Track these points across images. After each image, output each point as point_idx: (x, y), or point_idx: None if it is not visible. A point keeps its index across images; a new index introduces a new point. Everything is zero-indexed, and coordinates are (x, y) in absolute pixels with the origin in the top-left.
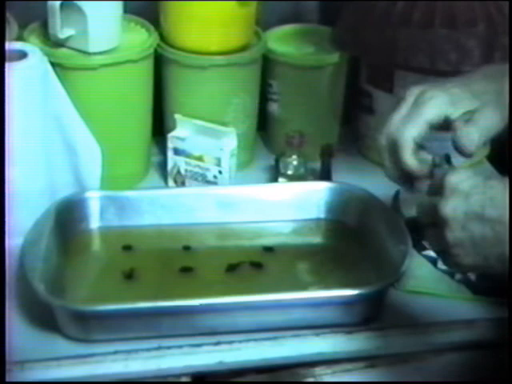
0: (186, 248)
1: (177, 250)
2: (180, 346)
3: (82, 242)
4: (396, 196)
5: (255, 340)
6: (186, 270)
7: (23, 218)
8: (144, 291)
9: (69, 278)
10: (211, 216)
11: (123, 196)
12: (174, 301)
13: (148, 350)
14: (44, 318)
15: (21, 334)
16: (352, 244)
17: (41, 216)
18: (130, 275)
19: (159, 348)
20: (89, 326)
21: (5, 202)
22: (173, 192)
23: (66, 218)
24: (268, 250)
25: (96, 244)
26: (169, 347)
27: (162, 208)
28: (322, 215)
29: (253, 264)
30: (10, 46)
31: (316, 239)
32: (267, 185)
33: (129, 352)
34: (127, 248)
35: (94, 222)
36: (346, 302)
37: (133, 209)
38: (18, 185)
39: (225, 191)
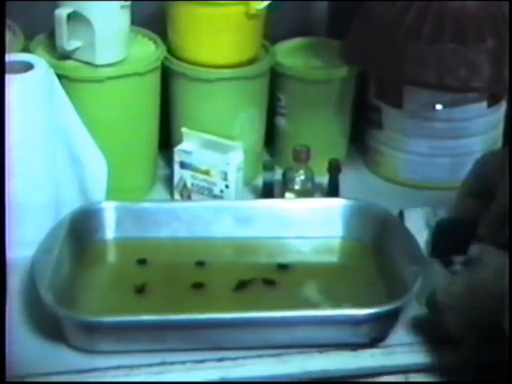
0: (200, 263)
1: (190, 265)
2: (183, 362)
3: (96, 253)
4: (401, 214)
5: (259, 356)
6: (198, 286)
7: (28, 230)
8: (153, 306)
9: (79, 289)
10: (228, 230)
11: (140, 207)
12: (180, 314)
13: (151, 365)
14: (50, 329)
15: (27, 344)
16: (368, 263)
17: (55, 225)
18: (141, 289)
19: (162, 363)
20: (93, 337)
21: (4, 212)
22: (190, 205)
23: (81, 228)
24: (282, 267)
25: (110, 255)
26: (172, 362)
27: (178, 221)
28: (341, 233)
29: (265, 281)
30: (16, 57)
31: (332, 258)
32: (287, 200)
33: (131, 367)
34: (141, 262)
35: (110, 233)
36: (352, 322)
37: (149, 220)
38: (23, 197)
39: (243, 205)
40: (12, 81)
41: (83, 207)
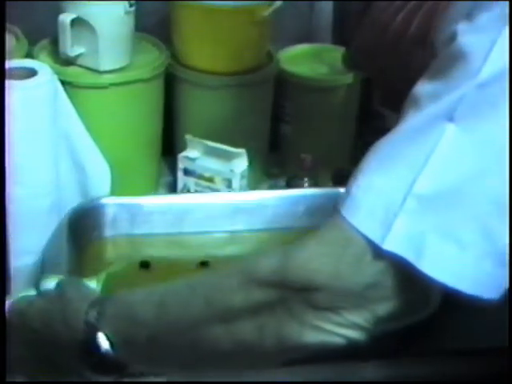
0: (203, 263)
1: (195, 262)
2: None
3: (95, 251)
4: None
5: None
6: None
7: (31, 237)
8: None
9: None
10: (227, 224)
11: (137, 203)
12: None
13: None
14: None
15: None
16: None
17: (55, 230)
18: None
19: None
20: None
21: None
22: (187, 200)
23: (80, 226)
24: None
25: (110, 255)
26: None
27: (175, 217)
28: None
29: None
30: (19, 63)
31: None
32: (281, 191)
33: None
34: (144, 265)
35: (108, 230)
36: None
37: (145, 216)
38: (27, 204)
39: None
40: (15, 87)
41: (81, 205)
